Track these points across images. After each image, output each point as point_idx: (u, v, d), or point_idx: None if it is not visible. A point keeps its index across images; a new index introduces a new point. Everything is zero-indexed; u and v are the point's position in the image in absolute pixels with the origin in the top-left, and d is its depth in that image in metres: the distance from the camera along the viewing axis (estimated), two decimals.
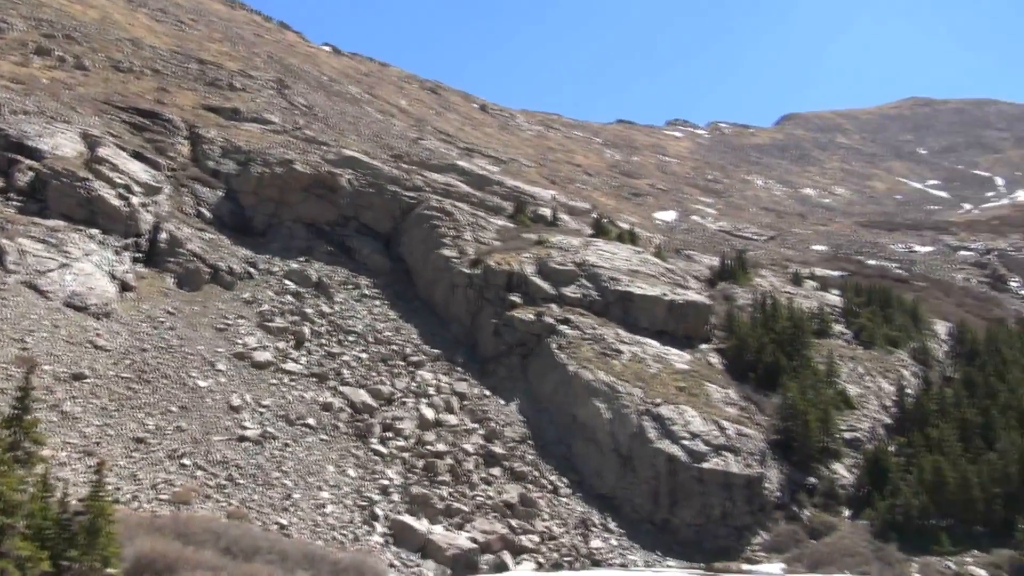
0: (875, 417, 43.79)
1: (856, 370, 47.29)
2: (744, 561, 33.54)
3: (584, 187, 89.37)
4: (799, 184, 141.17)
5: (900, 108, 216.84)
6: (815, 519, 36.37)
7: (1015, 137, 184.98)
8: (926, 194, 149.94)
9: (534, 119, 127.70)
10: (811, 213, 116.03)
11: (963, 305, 70.32)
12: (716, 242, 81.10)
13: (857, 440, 41.42)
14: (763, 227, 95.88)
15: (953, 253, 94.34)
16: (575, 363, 39.78)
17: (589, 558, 31.58)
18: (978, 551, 33.59)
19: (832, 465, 39.48)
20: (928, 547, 33.65)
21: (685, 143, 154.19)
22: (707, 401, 39.53)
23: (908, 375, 48.34)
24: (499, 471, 34.74)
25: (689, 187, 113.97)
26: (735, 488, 35.44)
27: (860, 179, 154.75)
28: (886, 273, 77.39)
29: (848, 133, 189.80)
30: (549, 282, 45.42)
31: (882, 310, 55.13)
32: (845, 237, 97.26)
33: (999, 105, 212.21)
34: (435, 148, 70.10)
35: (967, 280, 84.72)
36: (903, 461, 38.51)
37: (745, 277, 56.66)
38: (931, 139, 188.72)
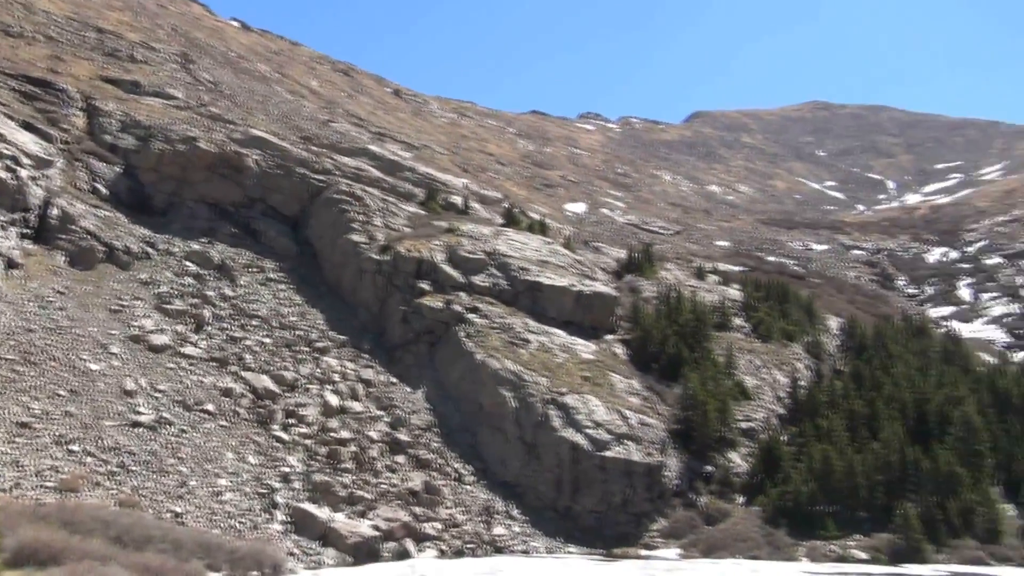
0: (770, 408, 45.43)
1: (753, 362, 48.92)
2: (643, 547, 34.34)
3: (496, 176, 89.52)
4: (705, 181, 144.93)
5: (802, 111, 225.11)
6: (711, 506, 37.54)
7: (906, 143, 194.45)
8: (823, 194, 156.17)
9: (448, 106, 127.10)
10: (716, 209, 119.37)
11: (854, 302, 73.66)
12: (624, 235, 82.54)
13: (752, 430, 42.88)
14: (670, 221, 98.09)
15: (846, 252, 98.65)
16: (483, 352, 39.89)
17: (492, 545, 31.79)
18: (860, 535, 35.30)
19: (728, 454, 40.79)
20: (815, 532, 35.17)
21: (597, 136, 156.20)
22: (611, 391, 40.24)
23: (802, 368, 50.30)
24: (404, 459, 34.58)
25: (599, 180, 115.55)
26: (636, 476, 36.23)
27: (763, 178, 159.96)
28: (784, 270, 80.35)
29: (753, 133, 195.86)
30: (459, 270, 45.37)
31: (779, 305, 57.14)
32: (747, 234, 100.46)
33: (892, 112, 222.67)
34: (346, 131, 68.96)
35: (858, 278, 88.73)
36: (794, 450, 40.08)
37: (651, 270, 57.85)
38: (829, 142, 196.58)
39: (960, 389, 45.36)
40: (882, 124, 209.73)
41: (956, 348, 56.90)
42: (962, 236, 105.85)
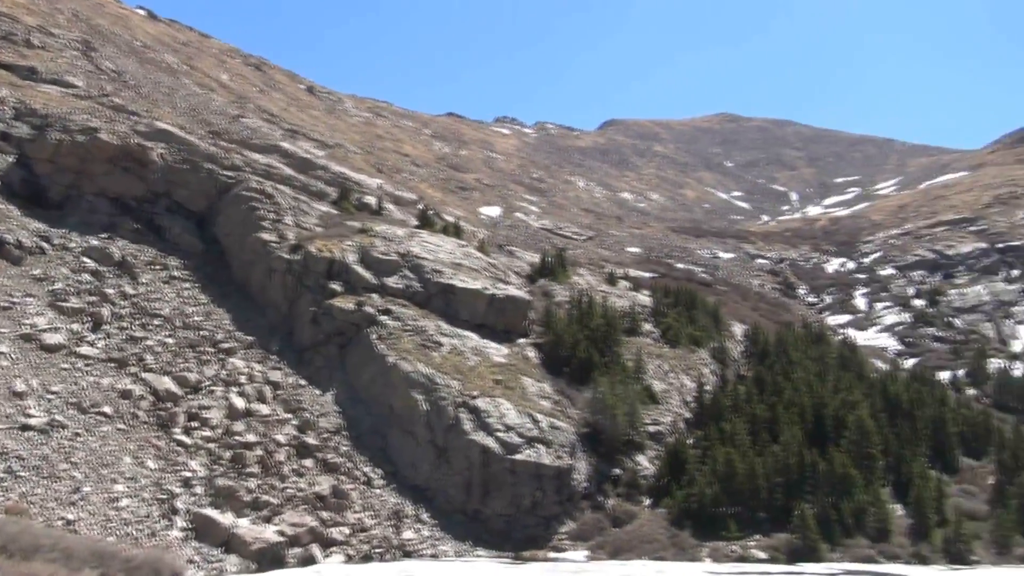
0: (677, 412, 46.44)
1: (662, 367, 49.94)
2: (551, 549, 34.60)
3: (411, 177, 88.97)
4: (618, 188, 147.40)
5: (711, 122, 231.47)
6: (618, 508, 38.10)
7: (809, 157, 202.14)
8: (730, 204, 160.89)
9: (363, 105, 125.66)
10: (628, 216, 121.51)
11: (758, 309, 76.08)
12: (538, 239, 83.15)
13: (660, 433, 43.75)
14: (583, 227, 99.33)
15: (751, 261, 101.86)
16: (394, 354, 39.52)
17: (401, 549, 31.50)
18: (760, 535, 36.41)
19: (636, 457, 41.50)
20: (718, 532, 36.08)
21: (512, 140, 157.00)
22: (523, 394, 40.42)
23: (708, 373, 51.62)
24: (312, 462, 33.94)
25: (514, 184, 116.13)
26: (545, 479, 36.48)
27: (673, 186, 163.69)
28: (692, 277, 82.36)
29: (664, 142, 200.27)
30: (371, 271, 44.85)
31: (687, 311, 58.50)
32: (657, 241, 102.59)
33: (796, 126, 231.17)
34: (257, 127, 67.38)
35: (762, 286, 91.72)
36: (699, 453, 41.05)
37: (564, 275, 58.42)
38: (737, 153, 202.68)
39: (855, 394, 47.35)
40: (787, 138, 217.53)
41: (852, 355, 59.37)
42: (859, 248, 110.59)
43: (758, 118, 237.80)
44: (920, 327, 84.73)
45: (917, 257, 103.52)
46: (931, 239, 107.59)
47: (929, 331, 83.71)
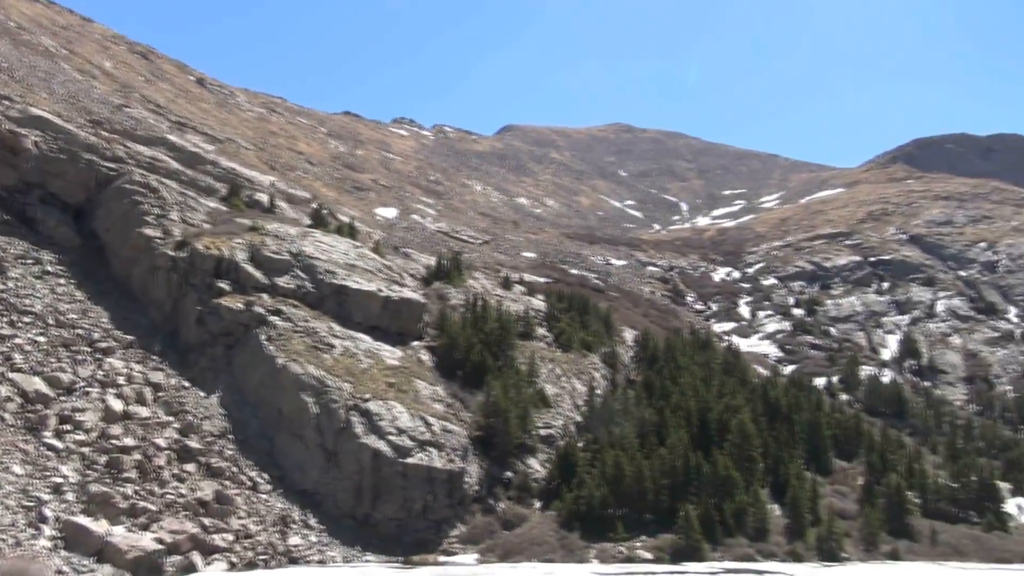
0: (568, 415, 47.06)
1: (554, 371, 50.53)
2: (441, 553, 34.44)
3: (305, 176, 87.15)
4: (514, 193, 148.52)
5: (607, 132, 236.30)
6: (509, 511, 38.29)
7: (698, 169, 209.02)
8: (624, 213, 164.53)
9: (256, 100, 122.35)
10: (524, 221, 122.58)
11: (648, 315, 78.04)
12: (434, 242, 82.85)
13: (551, 436, 44.23)
14: (479, 231, 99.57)
15: (642, 268, 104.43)
16: (284, 356, 38.56)
17: (287, 556, 30.70)
18: (647, 536, 37.28)
19: (528, 460, 41.82)
20: (606, 534, 36.73)
21: (410, 142, 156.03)
22: (416, 397, 40.13)
23: (599, 377, 52.54)
24: (194, 467, 32.68)
25: (411, 186, 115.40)
26: (437, 483, 36.30)
27: (569, 193, 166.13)
28: (585, 282, 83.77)
29: (561, 150, 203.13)
30: (262, 271, 43.63)
31: (580, 316, 59.44)
32: (552, 246, 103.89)
33: (687, 139, 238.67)
34: (142, 118, 64.59)
35: (652, 293, 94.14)
36: (589, 456, 41.72)
37: (459, 278, 58.39)
38: (631, 163, 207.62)
39: (738, 399, 49.17)
40: (678, 150, 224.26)
41: (736, 361, 61.65)
42: (744, 258, 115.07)
43: (652, 129, 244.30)
44: (799, 335, 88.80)
45: (797, 268, 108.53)
46: (810, 251, 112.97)
47: (807, 339, 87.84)
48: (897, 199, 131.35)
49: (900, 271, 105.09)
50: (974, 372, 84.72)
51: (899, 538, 41.37)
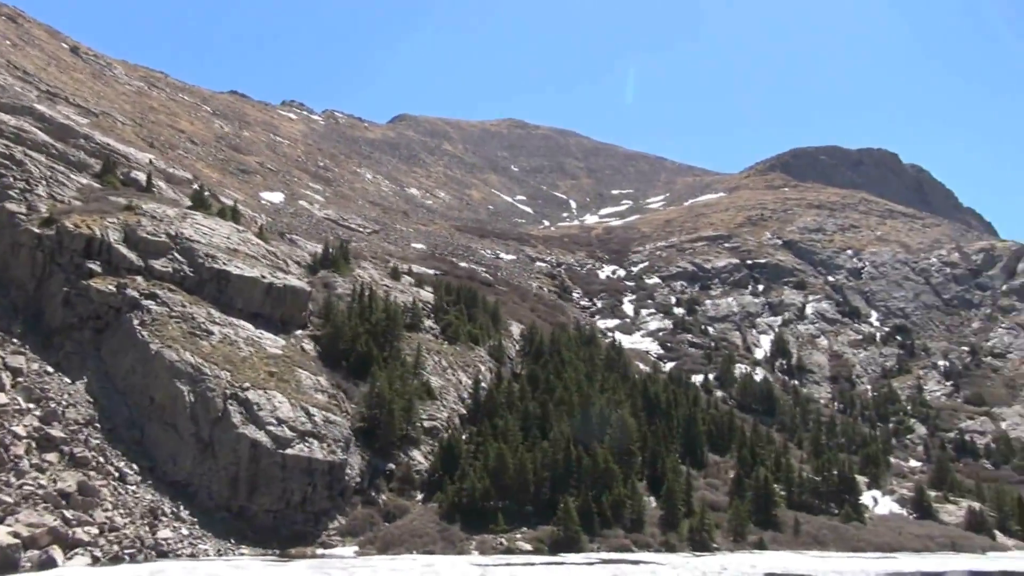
0: (453, 407, 47.04)
1: (440, 363, 50.40)
2: (319, 546, 33.82)
3: (187, 155, 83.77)
4: (406, 183, 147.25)
5: (500, 126, 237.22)
6: (390, 503, 37.98)
7: (588, 168, 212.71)
8: (514, 207, 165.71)
9: (136, 73, 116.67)
10: (414, 212, 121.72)
11: (535, 310, 78.90)
12: (322, 229, 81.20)
13: (435, 428, 44.11)
14: (369, 220, 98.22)
15: (531, 263, 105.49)
16: (159, 341, 36.91)
17: (155, 549, 29.44)
18: (527, 528, 37.74)
19: (411, 452, 41.58)
20: (487, 526, 36.96)
21: (299, 126, 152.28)
22: (298, 387, 39.21)
23: (484, 370, 52.75)
24: (56, 457, 30.88)
25: (299, 171, 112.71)
26: (317, 474, 35.59)
27: (460, 186, 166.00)
28: (475, 275, 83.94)
29: (454, 142, 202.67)
30: (136, 252, 41.62)
31: (468, 309, 59.50)
32: (442, 238, 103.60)
33: (579, 138, 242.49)
34: (7, 85, 60.55)
35: (540, 288, 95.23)
36: (473, 448, 41.86)
37: (347, 267, 57.41)
38: (523, 159, 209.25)
39: (619, 394, 50.40)
40: (570, 148, 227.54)
41: (618, 357, 63.12)
42: (629, 257, 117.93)
43: (544, 126, 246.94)
44: (679, 333, 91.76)
45: (679, 268, 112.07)
46: (692, 253, 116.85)
47: (687, 337, 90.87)
48: (774, 205, 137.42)
49: (774, 274, 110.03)
50: (838, 372, 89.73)
51: (765, 529, 43.42)
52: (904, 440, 75.75)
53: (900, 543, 45.91)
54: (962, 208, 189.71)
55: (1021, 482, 67.52)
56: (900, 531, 48.22)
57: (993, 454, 74.40)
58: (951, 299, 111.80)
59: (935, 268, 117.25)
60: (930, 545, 46.57)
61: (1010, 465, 72.84)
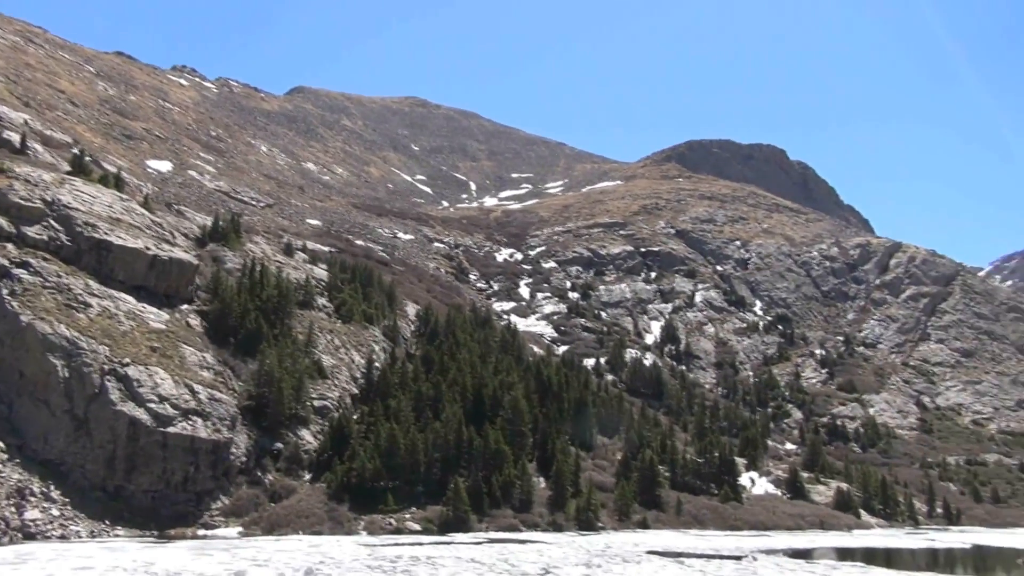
0: (345, 387, 46.43)
1: (333, 342, 49.60)
2: (201, 526, 32.89)
3: (66, 117, 79.28)
4: (303, 157, 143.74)
5: (401, 104, 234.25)
6: (277, 483, 37.25)
7: (489, 150, 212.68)
8: (414, 187, 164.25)
9: (10, 27, 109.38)
10: (310, 187, 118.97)
11: (432, 291, 78.59)
12: (212, 201, 78.41)
13: (326, 408, 43.47)
14: (262, 193, 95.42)
15: (429, 244, 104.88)
16: (30, 313, 34.90)
17: (22, 531, 27.97)
18: (416, 508, 37.76)
19: (300, 431, 40.85)
20: (376, 506, 36.78)
21: (190, 93, 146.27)
22: (182, 363, 37.86)
23: (378, 350, 52.23)
24: None
25: (189, 140, 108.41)
26: (201, 453, 34.53)
27: (359, 163, 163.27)
28: (371, 254, 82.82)
29: (353, 117, 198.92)
30: (8, 218, 39.16)
31: (363, 288, 58.72)
32: (339, 215, 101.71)
33: (480, 120, 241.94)
34: None
35: (438, 269, 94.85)
36: (364, 428, 41.48)
37: (238, 241, 55.68)
38: (423, 138, 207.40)
39: (512, 376, 50.78)
40: (471, 129, 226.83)
41: (513, 339, 63.57)
42: (527, 240, 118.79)
43: (446, 107, 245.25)
44: (573, 317, 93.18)
45: (576, 254, 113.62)
46: (588, 239, 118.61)
47: (580, 321, 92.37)
48: (668, 195, 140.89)
49: (667, 262, 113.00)
50: (723, 358, 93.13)
51: (650, 508, 44.83)
52: (781, 424, 79.37)
53: (774, 522, 48.20)
54: (843, 205, 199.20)
55: (885, 464, 71.97)
56: (774, 510, 50.60)
57: (861, 438, 78.92)
58: (829, 291, 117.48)
59: (816, 261, 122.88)
60: (801, 523, 49.06)
61: (876, 448, 77.52)
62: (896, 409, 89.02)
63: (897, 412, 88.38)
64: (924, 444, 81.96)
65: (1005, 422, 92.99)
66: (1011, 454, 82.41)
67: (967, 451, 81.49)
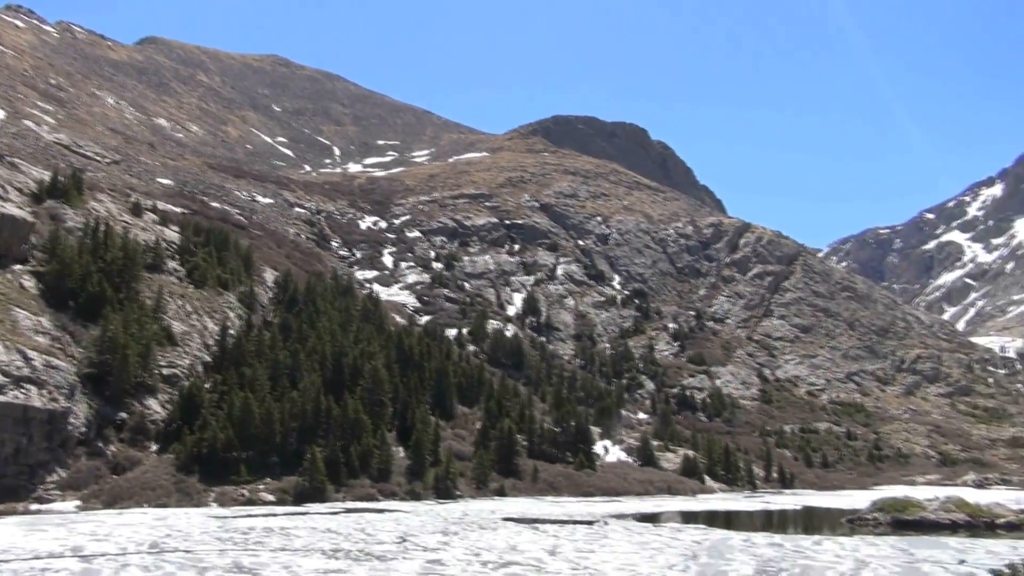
0: (197, 355, 44.57)
1: (184, 308, 47.43)
2: (35, 500, 30.89)
3: None
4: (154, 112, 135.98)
5: (262, 62, 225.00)
6: (120, 454, 35.42)
7: (354, 115, 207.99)
8: (274, 149, 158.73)
9: None
10: (162, 145, 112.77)
11: (291, 257, 76.36)
12: (50, 155, 73.01)
13: (176, 376, 41.61)
14: (108, 149, 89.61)
15: (290, 209, 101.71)
16: None
17: None
18: (271, 479, 36.88)
19: (147, 400, 38.94)
20: (228, 477, 35.66)
21: (27, 36, 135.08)
22: (14, 328, 35.23)
23: (234, 317, 50.36)
24: None
25: (25, 87, 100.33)
26: (35, 423, 32.34)
27: (216, 121, 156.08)
28: (228, 217, 79.50)
29: (210, 73, 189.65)
30: None
31: (218, 252, 56.39)
32: (193, 175, 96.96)
33: (346, 83, 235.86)
34: None
35: (298, 235, 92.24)
36: (216, 398, 40.00)
37: (79, 199, 52.09)
38: (285, 99, 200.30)
39: (373, 345, 50.23)
40: (336, 93, 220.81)
41: (375, 309, 62.85)
42: (391, 209, 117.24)
43: (309, 67, 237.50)
44: (436, 288, 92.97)
45: (440, 224, 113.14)
46: (454, 209, 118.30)
47: (443, 292, 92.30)
48: (533, 169, 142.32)
49: (530, 235, 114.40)
50: (582, 330, 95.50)
51: (507, 477, 45.64)
52: (635, 395, 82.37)
53: (625, 488, 50.14)
54: (698, 185, 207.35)
55: (729, 432, 76.20)
56: (626, 477, 52.64)
57: (708, 408, 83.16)
58: (683, 268, 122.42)
59: (672, 239, 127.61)
60: (650, 489, 51.27)
61: (721, 417, 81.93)
62: (740, 381, 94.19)
63: (741, 384, 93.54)
64: (764, 414, 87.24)
65: (836, 393, 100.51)
66: (840, 423, 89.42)
67: (801, 420, 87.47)
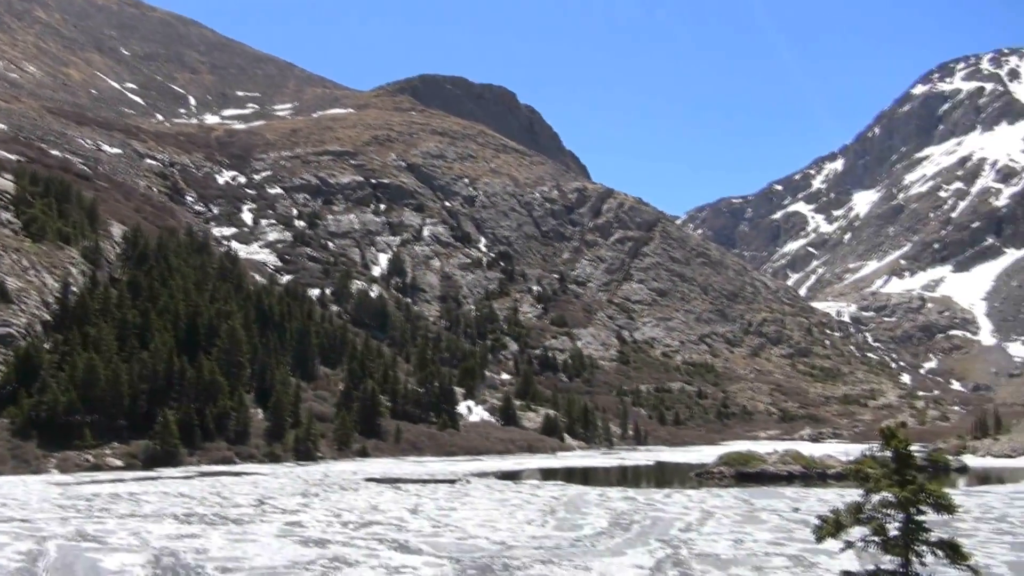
0: (34, 313, 41.65)
1: (20, 262, 44.13)
2: None
3: None
4: None
5: (109, 1, 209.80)
6: None
7: (211, 63, 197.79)
8: (122, 96, 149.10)
9: None
10: None
11: (142, 211, 72.28)
12: None
13: (11, 336, 38.78)
14: None
15: (140, 160, 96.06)
16: None
17: None
18: (118, 443, 35.15)
19: None
20: (71, 442, 33.71)
21: None
22: None
23: (76, 273, 47.27)
24: None
25: None
26: None
27: (56, 62, 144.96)
28: (69, 167, 74.29)
29: (49, 9, 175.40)
30: None
31: (59, 204, 52.71)
32: (30, 120, 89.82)
33: (202, 29, 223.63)
34: None
35: (149, 188, 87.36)
36: (57, 359, 37.56)
37: None
38: (135, 42, 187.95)
39: (231, 305, 48.43)
40: (191, 38, 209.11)
41: (233, 267, 60.59)
42: (251, 164, 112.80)
43: (162, 9, 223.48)
44: (299, 246, 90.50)
45: (303, 181, 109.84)
46: (317, 166, 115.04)
47: (306, 251, 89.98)
48: (400, 128, 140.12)
49: (396, 195, 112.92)
50: (447, 292, 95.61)
51: (369, 437, 45.39)
52: (499, 356, 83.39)
53: (487, 447, 50.89)
54: (564, 151, 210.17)
55: (588, 392, 78.54)
56: (488, 436, 53.41)
57: (569, 368, 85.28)
58: (548, 231, 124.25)
59: (537, 202, 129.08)
60: (512, 448, 52.26)
61: (581, 378, 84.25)
62: (600, 342, 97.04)
63: (601, 345, 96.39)
64: (622, 374, 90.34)
65: (688, 354, 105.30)
66: (692, 382, 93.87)
67: (656, 380, 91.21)
